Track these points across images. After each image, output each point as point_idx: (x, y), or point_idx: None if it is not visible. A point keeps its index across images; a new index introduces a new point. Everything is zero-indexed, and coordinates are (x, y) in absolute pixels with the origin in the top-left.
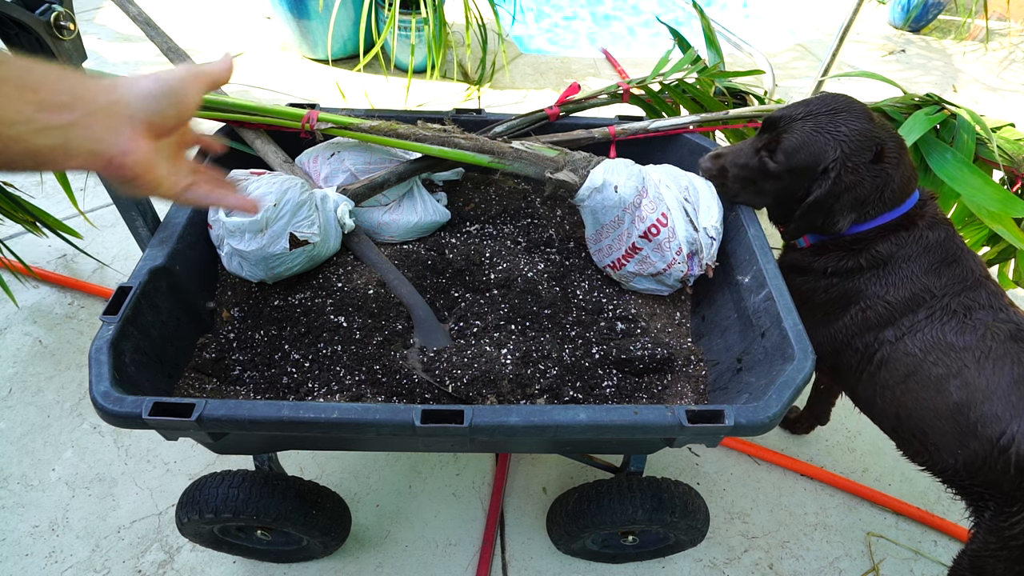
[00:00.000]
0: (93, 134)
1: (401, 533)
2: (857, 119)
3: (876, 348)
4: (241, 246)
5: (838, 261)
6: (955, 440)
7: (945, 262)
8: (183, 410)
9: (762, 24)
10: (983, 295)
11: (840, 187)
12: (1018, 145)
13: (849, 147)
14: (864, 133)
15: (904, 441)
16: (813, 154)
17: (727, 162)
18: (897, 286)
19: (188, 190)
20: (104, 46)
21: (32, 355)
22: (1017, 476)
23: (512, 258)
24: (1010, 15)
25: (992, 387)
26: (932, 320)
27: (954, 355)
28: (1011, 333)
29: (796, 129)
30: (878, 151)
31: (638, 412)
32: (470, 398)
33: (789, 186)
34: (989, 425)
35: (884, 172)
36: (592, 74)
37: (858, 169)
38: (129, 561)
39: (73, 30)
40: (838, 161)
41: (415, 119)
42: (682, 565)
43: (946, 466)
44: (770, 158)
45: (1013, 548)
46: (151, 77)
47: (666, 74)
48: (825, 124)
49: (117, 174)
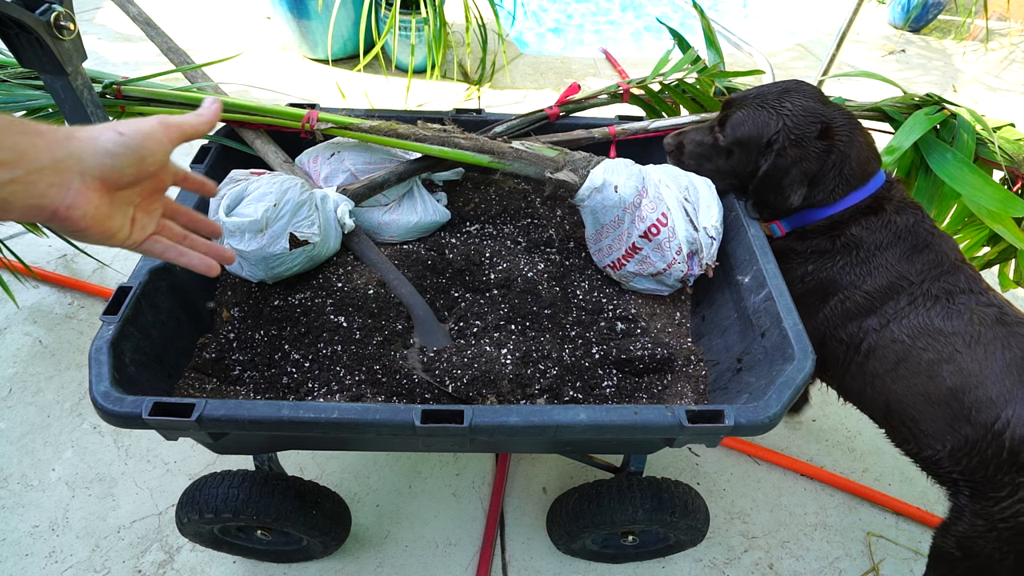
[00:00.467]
0: (35, 191)
1: (401, 533)
2: (803, 97)
3: (862, 337)
4: (241, 246)
5: (816, 244)
6: (947, 425)
7: (916, 249)
8: (183, 410)
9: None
10: (962, 279)
11: (786, 160)
12: (1018, 145)
13: (792, 121)
14: (808, 109)
15: (893, 429)
16: (757, 126)
17: (685, 139)
18: (873, 275)
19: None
20: (104, 46)
21: (32, 355)
22: (1009, 460)
23: (512, 258)
24: (1010, 15)
25: (985, 372)
26: (915, 306)
27: (944, 340)
28: (997, 317)
29: (744, 105)
30: (824, 127)
31: (638, 412)
32: (470, 398)
33: (739, 161)
34: (984, 410)
35: (835, 148)
36: (592, 74)
37: (803, 143)
38: (129, 561)
39: (73, 30)
40: (781, 133)
41: (415, 119)
42: (682, 565)
43: (932, 452)
44: (720, 132)
45: (1003, 531)
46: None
47: (666, 74)
48: (771, 101)
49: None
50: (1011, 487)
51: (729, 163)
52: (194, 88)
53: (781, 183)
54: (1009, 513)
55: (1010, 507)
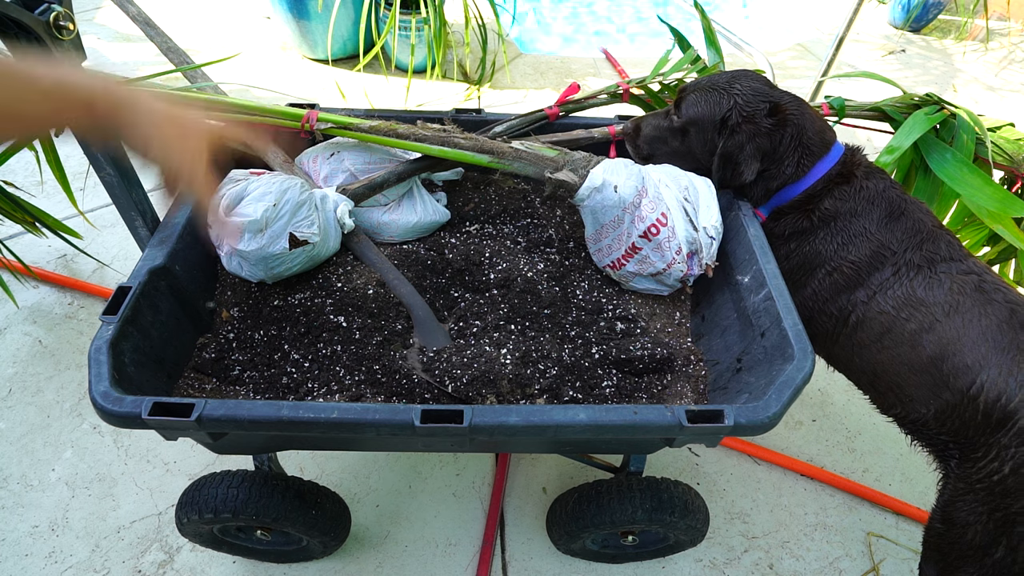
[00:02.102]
0: None
1: (401, 533)
2: (752, 81)
3: (850, 310)
4: (241, 246)
5: (795, 222)
6: (929, 392)
7: (892, 215)
8: (183, 410)
9: (762, 24)
10: (942, 246)
11: (741, 137)
12: (1018, 145)
13: (743, 99)
14: (757, 90)
15: (880, 395)
16: (709, 105)
17: (643, 123)
18: (856, 244)
19: None
20: (104, 46)
21: (32, 355)
22: (984, 422)
23: (512, 258)
24: (1010, 15)
25: (963, 339)
26: (899, 276)
27: (925, 310)
28: (976, 285)
29: (697, 89)
30: (773, 105)
31: (638, 412)
32: (470, 398)
33: (695, 141)
34: (960, 376)
35: (789, 122)
36: (592, 74)
37: (755, 119)
38: (129, 561)
39: (73, 30)
40: (733, 111)
41: (415, 119)
42: (682, 565)
43: (918, 416)
44: (676, 114)
45: (979, 491)
46: None
47: (666, 74)
48: (722, 84)
49: None
50: (985, 447)
51: (684, 144)
52: (194, 88)
53: (737, 159)
54: (984, 473)
55: (985, 467)
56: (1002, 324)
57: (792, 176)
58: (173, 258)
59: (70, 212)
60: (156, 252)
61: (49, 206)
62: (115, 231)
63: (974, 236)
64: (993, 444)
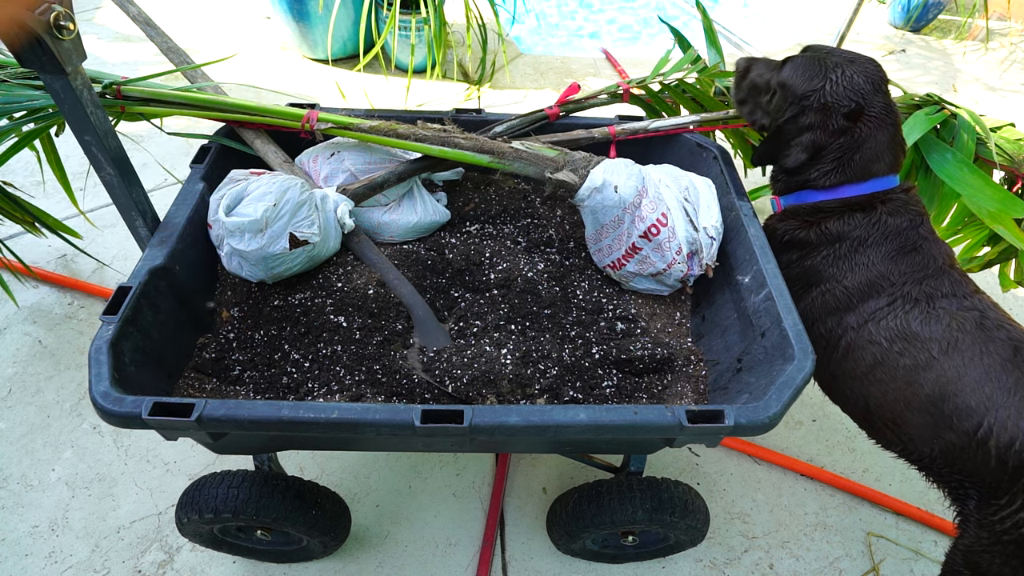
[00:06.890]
0: None
1: (401, 533)
2: (859, 72)
3: (840, 334)
4: (241, 246)
5: (794, 230)
6: (930, 432)
7: (904, 250)
8: (183, 410)
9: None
10: (946, 283)
11: (806, 121)
12: (1018, 145)
13: (832, 86)
14: (854, 85)
15: (876, 431)
16: (804, 76)
17: (755, 65)
18: (854, 271)
19: None
20: (104, 46)
21: (32, 355)
22: (999, 468)
23: (512, 258)
24: (1010, 15)
25: (963, 378)
26: (894, 308)
27: (920, 345)
28: (977, 322)
29: (806, 54)
30: (857, 108)
31: (638, 412)
32: (470, 398)
33: (777, 104)
34: (965, 418)
35: (856, 132)
36: (592, 74)
37: (829, 112)
38: (129, 561)
39: (73, 30)
40: (817, 93)
41: (415, 119)
42: (682, 565)
43: (922, 455)
44: (779, 70)
45: (1007, 543)
46: None
47: (666, 74)
48: (831, 63)
49: None
50: (1009, 495)
51: (771, 104)
52: (194, 88)
53: (790, 142)
54: (1010, 524)
55: (1010, 516)
56: (1006, 363)
57: (815, 182)
58: (173, 258)
59: (70, 212)
60: (156, 252)
61: (49, 206)
62: (115, 231)
63: (974, 236)
64: (1018, 493)
